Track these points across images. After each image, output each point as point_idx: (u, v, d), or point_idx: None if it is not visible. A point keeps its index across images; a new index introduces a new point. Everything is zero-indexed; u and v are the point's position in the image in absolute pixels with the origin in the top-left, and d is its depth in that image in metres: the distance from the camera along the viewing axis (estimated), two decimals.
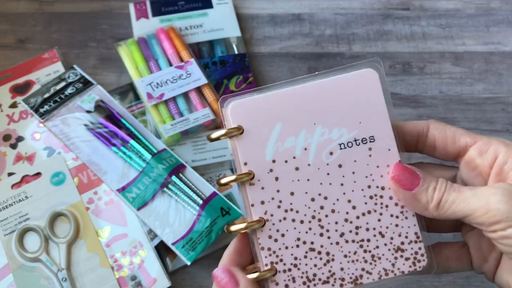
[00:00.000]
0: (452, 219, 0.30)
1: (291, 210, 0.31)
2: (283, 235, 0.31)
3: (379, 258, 0.31)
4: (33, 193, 0.51)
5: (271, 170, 0.31)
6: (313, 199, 0.31)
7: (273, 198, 0.31)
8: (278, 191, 0.31)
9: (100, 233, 0.49)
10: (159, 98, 0.55)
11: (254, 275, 0.30)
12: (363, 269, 0.31)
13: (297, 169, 0.31)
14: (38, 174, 0.52)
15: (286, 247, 0.31)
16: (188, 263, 0.48)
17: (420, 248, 0.31)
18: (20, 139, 0.55)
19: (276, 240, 0.31)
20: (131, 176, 0.51)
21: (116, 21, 0.65)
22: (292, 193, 0.31)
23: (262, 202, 0.31)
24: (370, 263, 0.31)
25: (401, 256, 0.31)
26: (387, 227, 0.31)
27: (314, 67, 0.62)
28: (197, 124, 0.54)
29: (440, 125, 0.33)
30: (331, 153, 0.31)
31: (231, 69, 0.59)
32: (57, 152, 0.54)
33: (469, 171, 0.32)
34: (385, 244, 0.31)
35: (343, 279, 0.31)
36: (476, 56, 0.63)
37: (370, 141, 0.32)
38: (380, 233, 0.31)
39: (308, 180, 0.31)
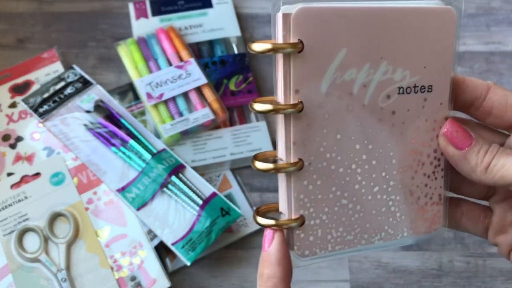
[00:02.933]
0: (498, 184, 0.28)
1: (333, 156, 0.28)
2: (319, 183, 0.28)
3: (403, 217, 0.31)
4: (32, 193, 0.50)
5: (322, 106, 0.27)
6: (358, 147, 0.29)
7: (317, 139, 0.27)
8: (324, 131, 0.27)
9: (100, 234, 0.49)
10: (158, 98, 0.55)
11: (278, 222, 0.27)
12: (386, 227, 0.30)
13: (350, 110, 0.28)
14: (37, 174, 0.52)
15: (319, 197, 0.28)
16: (188, 263, 0.48)
17: (439, 211, 0.32)
18: (19, 139, 0.54)
19: (311, 188, 0.28)
20: (131, 176, 0.51)
21: (116, 20, 0.65)
22: (338, 137, 0.28)
23: (305, 142, 0.27)
24: (394, 222, 0.31)
25: (422, 216, 0.31)
26: (417, 186, 0.31)
27: None
28: (197, 124, 0.54)
29: (501, 90, 0.31)
30: (388, 96, 0.29)
31: (231, 69, 0.59)
32: (57, 152, 0.53)
33: None
34: (411, 203, 0.31)
35: (366, 237, 0.30)
36: (477, 56, 0.63)
37: (428, 91, 0.30)
38: (410, 191, 0.31)
39: (358, 124, 0.28)
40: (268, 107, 0.26)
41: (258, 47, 0.26)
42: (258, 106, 0.26)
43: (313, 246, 0.29)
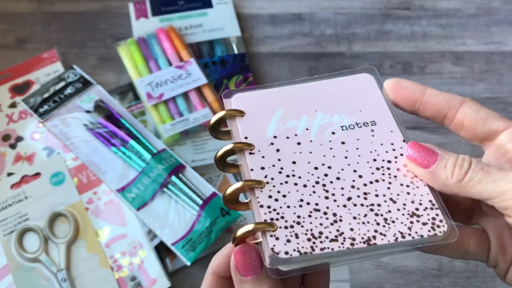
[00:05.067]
0: (473, 197, 0.28)
1: (293, 176, 0.29)
2: (284, 196, 0.28)
3: (393, 222, 0.28)
4: (32, 193, 0.50)
5: (272, 144, 0.30)
6: (316, 168, 0.29)
7: (274, 165, 0.29)
8: (279, 159, 0.29)
9: (100, 234, 0.49)
10: (158, 98, 0.55)
11: (250, 227, 0.27)
12: (376, 231, 0.28)
13: (298, 143, 0.30)
14: (37, 174, 0.52)
15: (288, 206, 0.28)
16: (188, 263, 0.48)
17: (437, 215, 0.29)
18: (19, 139, 0.54)
19: (276, 200, 0.28)
20: (131, 176, 0.51)
21: (116, 20, 0.65)
22: (294, 162, 0.29)
23: (262, 168, 0.29)
24: (384, 226, 0.28)
25: (418, 221, 0.29)
26: (398, 194, 0.29)
27: (314, 67, 0.62)
28: (196, 124, 0.54)
29: (475, 104, 0.31)
30: (333, 133, 0.31)
31: (231, 69, 0.59)
32: (57, 152, 0.53)
33: (498, 156, 0.30)
34: (398, 209, 0.29)
35: (353, 239, 0.28)
36: (477, 56, 0.63)
37: (372, 125, 0.31)
38: (391, 199, 0.29)
39: (310, 152, 0.30)
40: (228, 147, 0.30)
41: (213, 118, 0.31)
42: (221, 151, 0.30)
43: (291, 247, 0.27)
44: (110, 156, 0.53)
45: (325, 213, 0.28)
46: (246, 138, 0.30)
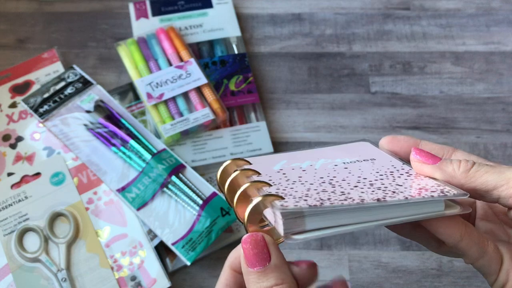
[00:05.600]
0: (477, 189, 0.29)
1: (300, 181, 0.29)
2: (292, 189, 0.28)
3: (401, 192, 0.28)
4: (32, 193, 0.51)
5: (278, 172, 0.31)
6: (321, 177, 0.30)
7: (280, 179, 0.29)
8: (285, 177, 0.30)
9: (100, 233, 0.49)
10: (158, 98, 0.55)
11: (259, 199, 0.27)
12: (385, 195, 0.28)
13: (304, 170, 0.31)
14: (37, 174, 0.52)
15: (296, 191, 0.28)
16: (188, 263, 0.48)
17: (445, 187, 0.29)
18: (19, 139, 0.55)
19: (284, 189, 0.28)
20: (131, 176, 0.51)
21: (116, 21, 0.65)
22: (300, 177, 0.30)
23: (270, 180, 0.29)
24: (393, 192, 0.28)
25: (426, 190, 0.29)
26: (403, 182, 0.30)
27: (314, 67, 0.62)
28: (197, 124, 0.54)
29: (464, 153, 0.33)
30: (336, 165, 0.32)
31: (231, 69, 0.59)
32: (57, 152, 0.53)
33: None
34: (405, 188, 0.29)
35: (363, 199, 0.27)
36: (477, 56, 0.63)
37: (372, 160, 0.33)
38: (397, 184, 0.29)
39: (315, 173, 0.30)
40: (236, 173, 0.30)
41: (222, 166, 0.32)
42: (224, 164, 0.31)
43: (301, 202, 0.27)
44: (110, 156, 0.53)
45: (333, 192, 0.28)
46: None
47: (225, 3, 0.65)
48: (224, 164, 0.32)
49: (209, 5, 0.64)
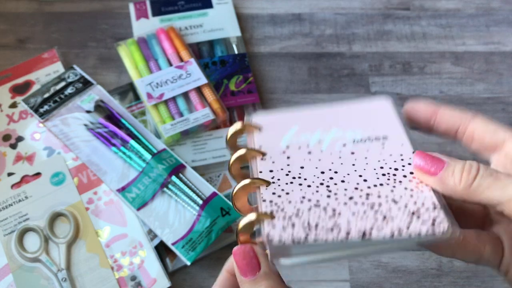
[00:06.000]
0: (482, 203, 0.29)
1: (299, 177, 0.30)
2: (287, 193, 0.29)
3: (392, 219, 0.28)
4: (32, 193, 0.51)
5: (283, 152, 0.31)
6: (322, 172, 0.30)
7: (282, 169, 0.30)
8: (288, 165, 0.31)
9: (100, 233, 0.49)
10: (159, 98, 0.55)
11: (252, 216, 0.28)
12: (372, 226, 0.28)
13: (309, 152, 0.31)
14: (38, 174, 0.52)
15: (290, 202, 0.29)
16: (188, 263, 0.48)
17: (438, 215, 0.28)
18: (20, 139, 0.55)
19: (279, 196, 0.29)
20: (131, 176, 0.51)
21: (116, 21, 0.65)
22: (302, 167, 0.31)
23: (271, 171, 0.30)
24: (381, 221, 0.28)
25: (417, 218, 0.28)
26: (400, 196, 0.29)
27: (314, 67, 0.62)
28: (197, 124, 0.54)
29: (485, 119, 0.33)
30: (344, 145, 0.32)
31: (231, 69, 0.59)
32: (57, 152, 0.53)
33: (506, 163, 0.31)
34: (399, 208, 0.29)
35: (348, 232, 0.27)
36: (477, 56, 0.63)
37: (383, 139, 0.32)
38: (393, 199, 0.29)
39: (319, 160, 0.31)
40: (241, 152, 0.31)
41: (231, 129, 0.32)
42: (234, 156, 0.31)
43: (286, 235, 0.27)
44: (110, 156, 0.53)
45: (324, 209, 0.28)
46: (260, 147, 0.32)
47: (225, 3, 0.65)
48: (233, 129, 0.32)
49: (209, 5, 0.64)
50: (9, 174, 0.52)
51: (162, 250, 0.50)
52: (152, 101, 0.55)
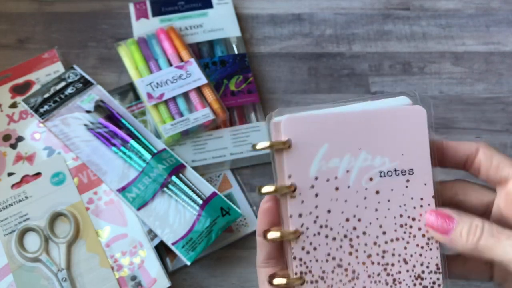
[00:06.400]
0: (488, 260, 0.32)
1: (326, 226, 0.32)
2: (315, 249, 0.32)
3: (400, 283, 0.33)
4: (33, 193, 0.51)
5: (312, 186, 0.32)
6: (347, 220, 0.32)
7: (310, 213, 0.32)
8: (316, 207, 0.32)
9: (100, 233, 0.49)
10: (159, 98, 0.55)
11: (283, 281, 0.32)
12: None
13: (337, 189, 0.32)
14: (38, 174, 0.52)
15: (316, 260, 0.32)
16: (188, 263, 0.48)
17: (438, 279, 0.33)
18: (20, 139, 0.55)
19: (308, 252, 0.32)
20: (131, 176, 0.51)
21: (116, 21, 0.65)
22: (329, 211, 0.32)
23: (300, 215, 0.32)
24: (391, 286, 0.33)
25: (420, 284, 0.33)
26: (411, 255, 0.33)
27: (314, 67, 0.62)
28: (197, 124, 0.54)
29: (489, 151, 0.34)
30: (370, 179, 0.32)
31: (231, 69, 0.59)
32: (57, 152, 0.53)
33: (507, 202, 0.33)
34: (407, 271, 0.33)
35: None
36: (476, 56, 0.63)
37: (409, 174, 0.33)
38: (404, 260, 0.33)
39: (345, 201, 0.32)
40: (270, 189, 0.32)
41: (260, 145, 0.32)
42: (265, 189, 0.32)
43: None
44: (110, 156, 0.53)
45: (346, 270, 0.32)
46: (289, 177, 0.32)
47: (225, 3, 0.65)
48: (261, 146, 0.32)
49: (209, 5, 0.64)
50: (9, 174, 0.52)
51: (162, 250, 0.50)
52: (152, 101, 0.55)
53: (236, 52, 0.61)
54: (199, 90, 0.57)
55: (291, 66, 0.62)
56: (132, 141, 0.53)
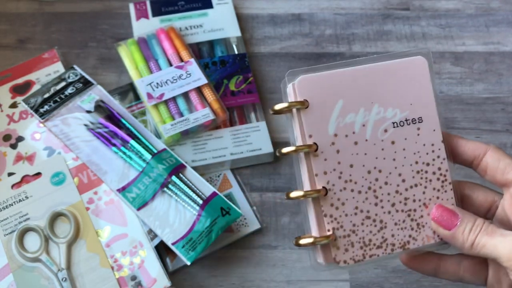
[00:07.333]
0: (484, 257, 0.33)
1: (350, 181, 0.34)
2: (343, 204, 0.33)
3: (423, 226, 0.35)
4: (33, 193, 0.51)
5: (333, 143, 0.33)
6: (369, 172, 0.34)
7: (334, 169, 0.33)
8: (339, 163, 0.33)
9: (100, 233, 0.49)
10: (159, 98, 0.55)
11: (310, 240, 0.33)
12: (410, 236, 0.35)
13: (356, 143, 0.34)
14: (38, 174, 0.52)
15: (346, 215, 0.33)
16: (188, 263, 0.48)
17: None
18: (20, 139, 0.55)
19: (337, 208, 0.33)
20: (131, 176, 0.51)
21: (116, 21, 0.65)
22: (351, 165, 0.34)
23: (325, 173, 0.33)
24: (416, 230, 0.35)
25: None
26: (429, 199, 0.35)
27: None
28: (197, 124, 0.54)
29: (497, 153, 0.35)
30: (385, 131, 0.34)
31: (231, 69, 0.59)
32: (57, 152, 0.54)
33: (511, 204, 0.35)
34: (428, 214, 0.35)
35: (393, 244, 0.34)
36: (476, 56, 0.63)
37: (419, 122, 0.35)
38: (424, 204, 0.35)
39: (365, 154, 0.34)
40: (291, 148, 0.33)
41: (278, 106, 0.34)
42: (286, 149, 0.33)
43: (348, 256, 0.34)
44: (110, 156, 0.53)
45: (374, 220, 0.34)
46: (310, 136, 0.33)
47: (225, 4, 0.65)
48: (279, 107, 0.34)
49: (209, 5, 0.64)
50: (10, 174, 0.52)
51: (162, 250, 0.50)
52: (152, 101, 0.55)
53: (236, 52, 0.61)
54: (199, 90, 0.57)
55: (291, 66, 0.62)
56: (132, 141, 0.53)
